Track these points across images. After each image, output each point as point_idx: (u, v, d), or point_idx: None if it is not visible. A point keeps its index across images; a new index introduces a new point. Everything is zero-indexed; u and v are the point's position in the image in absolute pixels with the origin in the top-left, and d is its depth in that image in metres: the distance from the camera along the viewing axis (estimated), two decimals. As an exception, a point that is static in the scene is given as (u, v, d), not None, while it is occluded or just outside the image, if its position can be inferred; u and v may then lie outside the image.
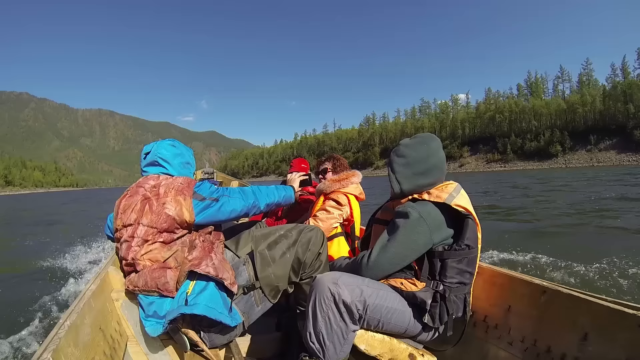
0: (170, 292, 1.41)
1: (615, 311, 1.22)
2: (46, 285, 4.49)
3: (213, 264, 1.45)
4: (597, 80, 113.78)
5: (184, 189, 1.52)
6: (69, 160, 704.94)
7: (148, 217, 1.47)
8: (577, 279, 3.93)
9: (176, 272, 1.44)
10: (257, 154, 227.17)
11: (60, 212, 22.46)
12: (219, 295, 1.42)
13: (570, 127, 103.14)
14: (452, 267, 1.47)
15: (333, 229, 2.33)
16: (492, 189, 21.14)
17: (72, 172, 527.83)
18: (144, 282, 1.44)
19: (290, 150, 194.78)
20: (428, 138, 1.67)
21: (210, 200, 1.54)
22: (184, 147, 1.75)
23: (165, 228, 1.47)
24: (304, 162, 3.12)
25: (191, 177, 1.70)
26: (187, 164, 1.73)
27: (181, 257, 1.48)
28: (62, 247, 6.91)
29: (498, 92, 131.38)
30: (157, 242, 1.47)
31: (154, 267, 1.44)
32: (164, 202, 1.47)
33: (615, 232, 6.91)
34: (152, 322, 1.40)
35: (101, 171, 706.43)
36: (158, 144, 1.68)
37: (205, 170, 3.40)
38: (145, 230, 1.47)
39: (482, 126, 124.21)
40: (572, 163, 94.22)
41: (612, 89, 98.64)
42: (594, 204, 11.29)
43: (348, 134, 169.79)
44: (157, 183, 1.55)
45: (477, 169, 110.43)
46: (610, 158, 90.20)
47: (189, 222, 1.49)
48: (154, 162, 1.64)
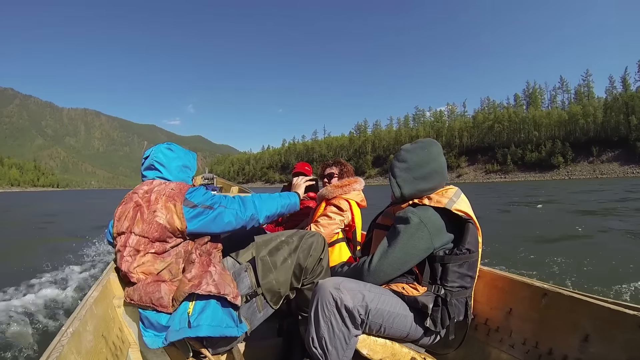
0: (165, 307, 1.39)
1: (615, 312, 1.23)
2: (47, 291, 4.39)
3: (214, 281, 1.41)
4: (594, 92, 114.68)
5: (175, 195, 1.47)
6: (52, 159, 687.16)
7: (139, 226, 1.45)
8: (578, 281, 4.01)
9: (171, 286, 1.42)
10: (244, 159, 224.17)
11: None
12: (221, 311, 1.41)
13: (572, 138, 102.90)
14: (453, 271, 1.50)
15: (334, 235, 2.38)
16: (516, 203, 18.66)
17: (55, 172, 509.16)
18: (138, 296, 1.42)
19: (278, 157, 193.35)
20: (429, 143, 1.70)
21: (202, 208, 1.48)
22: (182, 151, 1.71)
23: (157, 237, 1.44)
24: (307, 166, 3.07)
25: (189, 181, 1.70)
26: (184, 167, 1.69)
27: (176, 269, 1.46)
28: (61, 252, 6.85)
29: (494, 102, 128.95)
30: (149, 253, 1.45)
31: (147, 282, 1.42)
32: (155, 209, 1.44)
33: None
34: (150, 334, 1.40)
35: (85, 172, 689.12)
36: (155, 148, 1.67)
37: (205, 175, 3.40)
38: (137, 240, 1.45)
39: (480, 136, 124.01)
40: (574, 175, 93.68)
41: (614, 101, 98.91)
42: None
43: (338, 141, 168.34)
44: (149, 188, 1.53)
45: (475, 180, 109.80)
46: (613, 170, 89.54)
47: (180, 229, 1.45)
48: (151, 166, 1.63)
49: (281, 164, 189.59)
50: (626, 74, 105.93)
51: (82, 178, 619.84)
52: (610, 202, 16.06)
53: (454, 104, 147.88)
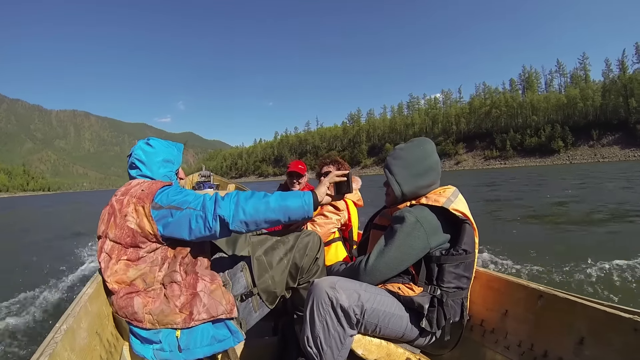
0: (140, 321, 1.33)
1: (611, 315, 1.23)
2: (42, 288, 4.43)
3: (204, 305, 1.34)
4: (590, 76, 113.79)
5: (145, 196, 1.40)
6: (42, 163, 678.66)
7: (113, 231, 1.39)
8: (574, 283, 3.95)
9: (145, 297, 1.36)
10: (236, 154, 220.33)
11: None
12: (213, 327, 1.37)
13: (571, 122, 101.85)
14: (450, 271, 1.51)
15: (330, 234, 2.39)
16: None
17: (46, 175, 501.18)
18: (116, 308, 1.39)
19: (271, 150, 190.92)
20: (423, 141, 1.73)
21: (167, 209, 1.36)
22: (161, 145, 1.64)
23: (130, 243, 1.38)
24: (301, 164, 3.03)
25: (172, 175, 1.64)
26: (165, 162, 1.61)
27: (151, 278, 1.40)
28: (58, 250, 6.98)
29: (489, 87, 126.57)
30: (121, 260, 1.39)
31: (120, 295, 1.37)
32: (126, 213, 1.38)
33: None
34: (137, 342, 1.37)
35: (76, 174, 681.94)
36: (136, 145, 1.61)
37: (202, 173, 3.79)
38: (111, 246, 1.40)
39: (477, 121, 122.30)
40: (576, 159, 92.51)
41: (612, 84, 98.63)
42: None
43: (332, 132, 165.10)
44: (126, 190, 1.47)
45: (475, 167, 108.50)
46: (614, 153, 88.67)
47: (153, 233, 1.37)
48: (132, 164, 1.58)
49: (274, 157, 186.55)
50: (624, 57, 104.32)
51: (74, 180, 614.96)
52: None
53: (449, 90, 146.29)
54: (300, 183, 2.97)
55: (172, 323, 1.32)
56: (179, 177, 1.71)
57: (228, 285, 1.48)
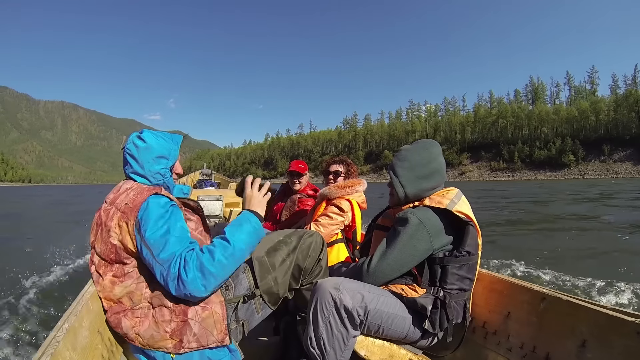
0: (132, 341, 1.31)
1: (614, 318, 1.23)
2: (43, 286, 4.27)
3: (194, 335, 1.29)
4: (597, 89, 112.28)
5: (130, 211, 1.32)
6: (27, 153, 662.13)
7: (99, 245, 1.36)
8: (577, 286, 3.94)
9: (132, 318, 1.32)
10: (224, 154, 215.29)
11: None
12: (209, 352, 1.32)
13: (581, 135, 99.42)
14: (453, 273, 1.52)
15: (334, 235, 2.40)
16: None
17: (30, 166, 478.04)
18: (110, 324, 1.37)
19: (261, 152, 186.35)
20: (429, 143, 1.74)
21: (143, 246, 1.27)
22: (154, 139, 1.50)
23: (114, 259, 1.34)
24: (301, 163, 3.06)
25: (166, 172, 1.54)
26: (159, 158, 1.50)
27: (138, 296, 1.34)
28: (59, 248, 6.14)
29: (497, 97, 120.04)
30: (107, 276, 1.36)
31: (109, 315, 1.35)
32: (109, 227, 1.32)
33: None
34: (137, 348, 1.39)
35: (61, 167, 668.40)
36: (129, 139, 1.50)
37: (203, 171, 3.79)
38: (98, 261, 1.37)
39: (483, 131, 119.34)
40: (588, 174, 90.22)
41: (624, 98, 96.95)
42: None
43: (326, 136, 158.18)
44: (114, 197, 1.41)
45: (481, 178, 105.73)
46: (627, 169, 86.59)
47: (135, 251, 1.32)
48: (125, 160, 1.49)
49: (264, 159, 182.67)
50: (637, 72, 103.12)
51: (58, 173, 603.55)
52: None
53: (453, 97, 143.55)
54: (301, 182, 2.98)
55: (164, 347, 1.29)
56: (175, 173, 1.61)
57: (230, 288, 1.44)
